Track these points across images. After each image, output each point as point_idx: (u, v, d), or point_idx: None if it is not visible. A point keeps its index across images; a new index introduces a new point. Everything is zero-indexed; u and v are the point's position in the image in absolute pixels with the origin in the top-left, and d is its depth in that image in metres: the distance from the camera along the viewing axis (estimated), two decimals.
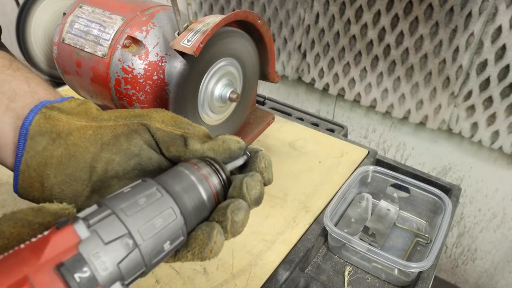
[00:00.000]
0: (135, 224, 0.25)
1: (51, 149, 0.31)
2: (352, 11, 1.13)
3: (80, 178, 0.31)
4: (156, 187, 0.27)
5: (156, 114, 0.32)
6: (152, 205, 0.26)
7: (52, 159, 0.30)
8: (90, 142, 0.31)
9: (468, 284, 1.39)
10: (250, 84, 0.59)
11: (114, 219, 0.25)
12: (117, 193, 0.27)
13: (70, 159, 0.31)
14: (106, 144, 0.31)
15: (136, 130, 0.32)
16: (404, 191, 0.63)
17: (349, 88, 1.26)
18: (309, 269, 0.54)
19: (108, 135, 0.31)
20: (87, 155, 0.31)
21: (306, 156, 0.71)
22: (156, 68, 0.50)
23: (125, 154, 0.31)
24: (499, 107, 1.03)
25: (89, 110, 0.33)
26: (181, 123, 0.32)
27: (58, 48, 0.56)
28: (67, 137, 0.31)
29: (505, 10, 0.93)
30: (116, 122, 0.32)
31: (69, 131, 0.31)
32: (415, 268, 0.48)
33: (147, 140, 0.32)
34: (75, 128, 0.31)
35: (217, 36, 0.48)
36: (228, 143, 0.31)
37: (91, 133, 0.31)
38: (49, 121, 0.31)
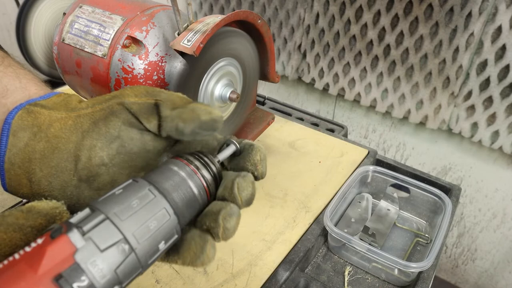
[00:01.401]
0: (130, 228, 0.25)
1: (33, 144, 0.31)
2: (352, 11, 1.13)
3: (66, 168, 0.31)
4: (148, 187, 0.27)
5: (130, 90, 0.32)
6: (145, 208, 0.26)
7: (35, 154, 0.31)
8: (71, 131, 0.31)
9: (468, 284, 1.39)
10: (250, 84, 0.59)
11: (108, 224, 0.24)
12: (109, 195, 0.27)
13: (53, 151, 0.31)
14: (86, 132, 0.31)
15: (113, 112, 0.31)
16: (404, 191, 0.63)
17: (349, 88, 1.26)
18: (309, 269, 0.55)
19: (87, 122, 0.31)
20: (69, 145, 0.31)
21: (306, 156, 0.71)
22: (156, 68, 0.50)
23: (105, 138, 0.31)
24: (499, 107, 1.03)
25: (69, 102, 0.33)
26: (153, 91, 0.32)
27: (58, 48, 0.56)
28: (47, 129, 0.31)
29: (505, 10, 0.93)
30: (93, 108, 0.32)
31: (50, 123, 0.31)
32: (415, 268, 0.48)
33: (126, 119, 0.31)
34: (55, 119, 0.32)
35: (217, 36, 0.48)
36: (198, 112, 0.29)
37: (71, 123, 0.31)
38: (31, 115, 0.32)
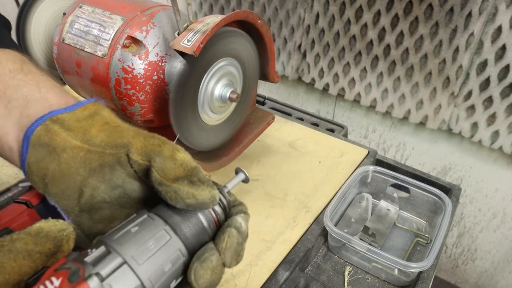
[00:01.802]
0: (147, 273, 0.25)
1: (48, 161, 0.31)
2: (352, 11, 1.13)
3: (71, 196, 0.31)
4: (163, 227, 0.27)
5: (140, 142, 0.31)
6: (161, 250, 0.26)
7: (48, 171, 0.31)
8: (80, 164, 0.31)
9: (468, 284, 1.39)
10: (250, 84, 0.59)
11: (126, 270, 0.25)
12: (124, 233, 0.27)
13: (62, 176, 0.31)
14: (93, 171, 0.31)
15: (120, 162, 0.31)
16: (404, 191, 0.63)
17: (349, 88, 1.26)
18: (309, 269, 0.54)
19: (96, 162, 0.31)
20: (77, 177, 0.31)
21: (306, 156, 0.71)
22: (156, 68, 0.50)
23: (109, 184, 0.31)
24: (499, 107, 1.03)
25: (90, 128, 0.32)
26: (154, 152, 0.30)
27: (58, 48, 0.56)
28: (61, 154, 0.31)
29: (505, 10, 0.93)
30: (104, 150, 0.31)
31: (64, 148, 0.31)
32: (415, 268, 0.48)
33: (130, 172, 0.31)
34: (69, 146, 0.31)
35: (217, 36, 0.48)
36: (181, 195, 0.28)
37: (82, 156, 0.31)
38: (48, 134, 0.31)
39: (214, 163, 0.56)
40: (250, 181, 0.64)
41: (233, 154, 0.60)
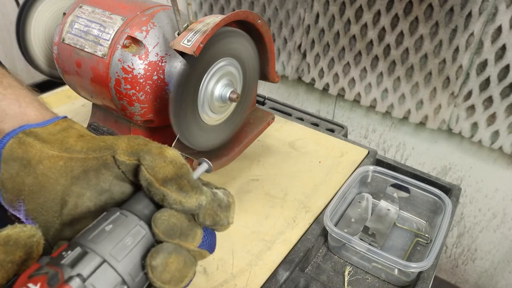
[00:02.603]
0: (126, 269, 0.26)
1: (23, 176, 0.30)
2: (352, 11, 1.13)
3: (51, 209, 0.30)
4: (138, 223, 0.27)
5: (123, 143, 0.30)
6: (138, 245, 0.27)
7: (24, 186, 0.30)
8: (61, 173, 0.30)
9: (468, 284, 1.39)
10: (250, 84, 0.59)
11: (106, 268, 0.25)
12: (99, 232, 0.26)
13: (40, 189, 0.30)
14: (76, 178, 0.30)
15: (106, 164, 0.30)
16: (404, 191, 0.63)
17: (349, 88, 1.26)
18: (309, 269, 0.54)
19: (78, 168, 0.30)
20: (57, 187, 0.30)
21: (306, 156, 0.71)
22: (156, 68, 0.50)
23: (95, 189, 0.30)
24: (499, 107, 1.03)
25: (66, 139, 0.31)
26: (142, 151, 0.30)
27: (58, 48, 0.56)
28: (36, 165, 0.30)
29: (505, 10, 0.93)
30: (87, 155, 0.30)
31: (40, 159, 0.30)
32: (415, 268, 0.48)
33: (117, 174, 0.30)
34: (46, 157, 0.30)
35: (217, 36, 0.48)
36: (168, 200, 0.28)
37: (62, 164, 0.30)
38: (21, 147, 0.30)
39: (214, 163, 0.56)
40: (250, 181, 0.64)
41: (233, 154, 0.60)
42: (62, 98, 0.83)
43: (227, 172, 0.65)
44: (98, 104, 0.60)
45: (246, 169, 0.67)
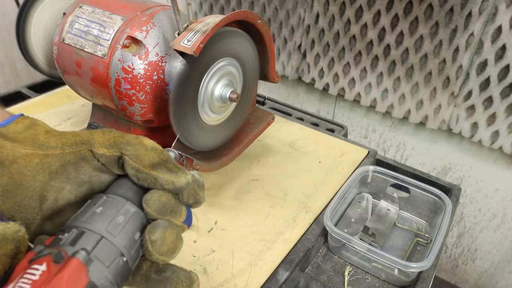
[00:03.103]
0: (122, 243, 0.28)
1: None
2: (352, 11, 1.13)
3: (30, 206, 0.30)
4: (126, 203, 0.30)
5: (99, 137, 0.31)
6: (129, 222, 0.29)
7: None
8: (37, 170, 0.30)
9: (468, 284, 1.39)
10: (250, 84, 0.59)
11: (105, 242, 0.27)
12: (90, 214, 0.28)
13: (17, 188, 0.30)
14: (54, 173, 0.30)
15: (84, 157, 0.31)
16: (404, 191, 0.63)
17: (349, 88, 1.26)
18: (309, 269, 0.55)
19: (56, 163, 0.30)
20: (35, 184, 0.30)
21: (306, 156, 0.71)
22: (156, 68, 0.50)
23: (75, 182, 0.31)
24: (499, 107, 1.03)
25: (36, 136, 0.32)
26: (121, 142, 0.31)
27: (58, 48, 0.56)
28: (11, 165, 0.30)
29: (505, 10, 0.93)
30: (63, 150, 0.31)
31: (14, 159, 0.30)
32: (415, 268, 0.48)
33: (96, 166, 0.31)
34: (20, 156, 0.30)
35: (217, 36, 0.48)
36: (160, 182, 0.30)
37: (38, 162, 0.30)
38: None
39: (214, 163, 0.56)
40: (250, 181, 0.64)
41: (233, 154, 0.60)
42: (62, 98, 0.83)
43: (227, 172, 0.65)
44: (98, 104, 0.60)
45: (246, 169, 0.67)
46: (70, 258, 0.25)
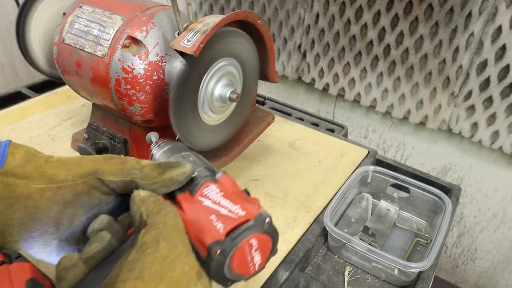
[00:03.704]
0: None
1: (10, 212, 0.31)
2: (352, 11, 1.13)
3: (47, 232, 0.32)
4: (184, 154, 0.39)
5: (106, 166, 0.34)
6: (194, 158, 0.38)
7: (12, 220, 0.31)
8: (52, 202, 0.32)
9: (468, 284, 1.39)
10: (250, 84, 0.59)
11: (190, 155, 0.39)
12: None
13: (33, 220, 0.32)
14: (68, 202, 0.33)
15: (94, 185, 0.33)
16: (404, 191, 0.63)
17: (349, 88, 1.26)
18: (309, 269, 0.54)
19: (69, 194, 0.33)
20: (50, 214, 0.32)
21: (306, 156, 0.71)
22: (156, 68, 0.50)
23: (87, 207, 0.33)
24: (499, 107, 1.03)
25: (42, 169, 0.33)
26: (128, 169, 0.34)
27: (58, 48, 0.56)
28: (26, 201, 0.31)
29: (505, 10, 0.93)
30: (74, 182, 0.33)
31: (28, 195, 0.32)
32: (415, 268, 0.48)
33: (105, 191, 0.34)
34: (34, 191, 0.32)
35: (217, 36, 0.48)
36: (176, 178, 0.33)
37: (52, 194, 0.32)
38: (7, 188, 0.31)
39: (214, 163, 0.56)
40: (250, 181, 0.64)
41: (233, 154, 0.60)
42: (62, 98, 0.83)
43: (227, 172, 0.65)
44: (98, 104, 0.60)
45: (246, 169, 0.67)
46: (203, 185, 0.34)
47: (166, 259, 0.28)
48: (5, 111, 0.78)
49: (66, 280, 0.30)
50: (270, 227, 0.31)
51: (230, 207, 0.31)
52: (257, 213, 0.31)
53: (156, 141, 0.43)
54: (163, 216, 0.30)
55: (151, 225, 0.29)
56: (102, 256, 0.31)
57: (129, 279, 0.26)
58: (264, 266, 0.33)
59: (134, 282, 0.26)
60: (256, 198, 0.33)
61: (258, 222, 0.30)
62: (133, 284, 0.26)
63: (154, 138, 0.43)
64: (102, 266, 0.30)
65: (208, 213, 0.30)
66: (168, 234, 0.29)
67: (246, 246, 0.30)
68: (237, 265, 0.30)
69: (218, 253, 0.29)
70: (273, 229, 0.32)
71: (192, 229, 0.30)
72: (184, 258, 0.29)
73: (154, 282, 0.26)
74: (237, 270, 0.30)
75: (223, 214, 0.30)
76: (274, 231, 0.32)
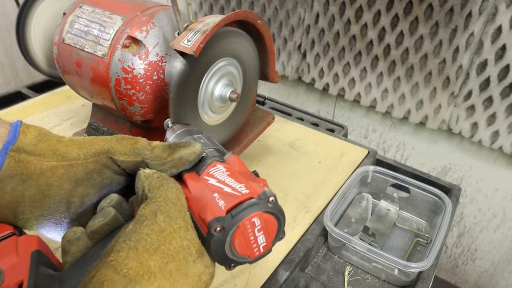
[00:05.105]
0: None
1: (22, 190, 0.31)
2: (352, 11, 1.13)
3: (58, 211, 0.32)
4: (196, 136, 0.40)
5: (118, 146, 0.34)
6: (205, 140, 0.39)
7: (24, 198, 0.31)
8: (64, 180, 0.32)
9: (468, 284, 1.39)
10: (250, 84, 0.59)
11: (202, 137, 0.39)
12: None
13: (44, 197, 0.32)
14: (80, 180, 0.33)
15: (106, 164, 0.34)
16: (404, 191, 0.63)
17: (349, 88, 1.26)
18: (309, 269, 0.55)
19: (81, 172, 0.33)
20: (62, 192, 0.32)
21: (306, 156, 0.71)
22: (156, 68, 0.50)
23: (98, 186, 0.34)
24: (499, 107, 1.03)
25: (54, 147, 0.33)
26: (139, 150, 0.34)
27: (58, 48, 0.56)
28: (38, 178, 0.32)
29: (505, 10, 0.93)
30: (86, 160, 0.33)
31: (41, 171, 0.32)
32: (415, 268, 0.48)
33: (117, 170, 0.34)
34: (46, 168, 0.32)
35: (217, 36, 0.48)
36: (186, 158, 0.33)
37: (63, 172, 0.32)
38: (20, 164, 0.31)
39: None
40: None
41: None
42: (62, 98, 0.83)
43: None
44: (98, 104, 0.60)
45: None
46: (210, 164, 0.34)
47: (163, 231, 0.27)
48: (5, 111, 0.78)
49: (70, 253, 0.30)
50: (274, 206, 0.30)
51: (235, 186, 0.30)
52: (261, 191, 0.30)
53: (171, 126, 0.44)
54: (164, 191, 0.29)
55: (151, 199, 0.29)
56: (106, 231, 0.30)
57: (122, 249, 0.26)
58: (270, 249, 0.31)
59: (127, 252, 0.26)
60: (264, 179, 0.32)
61: (261, 200, 0.29)
62: (126, 254, 0.26)
63: (171, 124, 0.45)
64: (105, 241, 0.30)
65: (212, 191, 0.30)
66: (167, 208, 0.28)
67: (248, 225, 0.29)
68: (239, 245, 0.29)
69: (218, 230, 0.28)
70: (278, 209, 0.31)
71: (195, 207, 0.30)
72: (183, 233, 0.28)
73: (148, 253, 0.26)
74: (239, 250, 0.29)
75: (226, 192, 0.30)
76: (279, 211, 0.31)
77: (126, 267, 0.25)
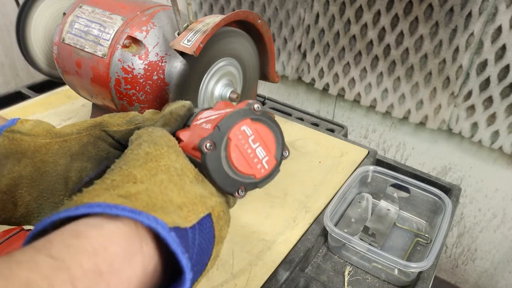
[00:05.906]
0: None
1: (18, 170, 0.31)
2: (352, 11, 1.13)
3: (56, 189, 0.32)
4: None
5: (111, 119, 0.34)
6: None
7: (21, 179, 0.31)
8: (59, 155, 0.32)
9: (468, 284, 1.39)
10: (250, 84, 0.59)
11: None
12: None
13: (41, 175, 0.32)
14: (75, 154, 0.33)
15: (100, 136, 0.34)
16: (404, 191, 0.63)
17: (349, 88, 1.26)
18: (309, 269, 0.54)
19: (75, 146, 0.33)
20: (58, 168, 0.32)
21: (306, 156, 0.71)
22: (156, 68, 0.50)
23: (95, 160, 0.33)
24: (499, 107, 1.03)
25: (49, 129, 0.34)
26: (131, 118, 0.34)
27: (58, 48, 0.56)
28: (33, 155, 0.32)
29: (505, 10, 0.93)
30: (80, 133, 0.33)
31: (35, 149, 0.32)
32: (415, 268, 0.48)
33: (111, 143, 0.34)
34: (40, 145, 0.32)
35: (217, 36, 0.48)
36: (177, 112, 0.33)
37: (58, 147, 0.32)
38: (13, 142, 0.32)
39: None
40: None
41: None
42: (62, 98, 0.83)
43: None
44: (98, 104, 0.60)
45: None
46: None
47: (148, 154, 0.26)
48: (5, 111, 0.78)
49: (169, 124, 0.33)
50: (263, 114, 0.28)
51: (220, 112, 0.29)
52: (245, 104, 0.28)
53: None
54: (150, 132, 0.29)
55: (137, 139, 0.29)
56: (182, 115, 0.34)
57: (107, 173, 0.26)
58: (276, 167, 0.29)
59: (111, 173, 0.25)
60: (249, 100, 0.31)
61: (246, 109, 0.27)
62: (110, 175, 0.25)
63: None
64: None
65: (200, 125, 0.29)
66: (152, 138, 0.28)
67: (239, 134, 0.27)
68: (238, 160, 0.27)
69: (208, 146, 0.26)
70: (268, 117, 0.28)
71: (189, 148, 0.29)
72: (173, 157, 0.27)
73: (133, 168, 0.25)
74: (241, 167, 0.27)
75: (212, 118, 0.28)
76: (270, 119, 0.28)
77: (111, 179, 0.25)
